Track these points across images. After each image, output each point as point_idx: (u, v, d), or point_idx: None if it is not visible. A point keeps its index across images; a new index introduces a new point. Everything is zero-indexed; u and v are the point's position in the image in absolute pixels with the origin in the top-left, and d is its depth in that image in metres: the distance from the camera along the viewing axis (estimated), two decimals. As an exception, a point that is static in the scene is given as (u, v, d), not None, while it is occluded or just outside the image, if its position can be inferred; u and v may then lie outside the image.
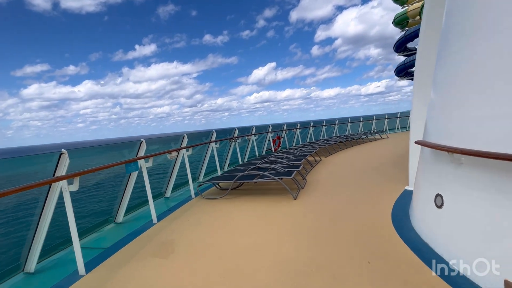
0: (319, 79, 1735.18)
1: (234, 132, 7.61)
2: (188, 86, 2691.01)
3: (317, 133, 14.26)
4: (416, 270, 2.23)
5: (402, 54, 25.16)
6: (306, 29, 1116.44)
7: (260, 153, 9.85)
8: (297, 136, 12.29)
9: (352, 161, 7.82)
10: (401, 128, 19.23)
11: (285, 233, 3.16)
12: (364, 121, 16.89)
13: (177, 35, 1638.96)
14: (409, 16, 20.91)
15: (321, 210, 3.88)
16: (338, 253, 2.60)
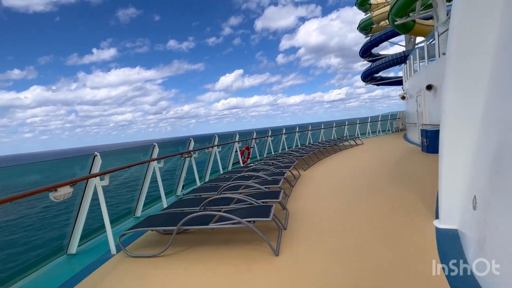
0: (285, 86, 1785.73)
1: (188, 144, 5.80)
2: (152, 93, 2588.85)
3: (290, 140, 12.98)
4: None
5: (367, 60, 25.43)
6: (271, 38, 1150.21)
7: (226, 168, 8.12)
8: (268, 144, 10.79)
9: (337, 176, 6.45)
10: (372, 132, 18.91)
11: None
12: (337, 127, 16.06)
13: (139, 40, 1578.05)
14: (374, 22, 21.01)
15: (321, 274, 2.31)
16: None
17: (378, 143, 13.38)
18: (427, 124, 9.30)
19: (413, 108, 11.41)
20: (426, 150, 8.28)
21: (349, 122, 17.07)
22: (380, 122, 19.58)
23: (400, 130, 21.06)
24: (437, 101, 8.33)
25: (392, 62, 20.66)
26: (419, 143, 10.52)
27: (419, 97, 9.90)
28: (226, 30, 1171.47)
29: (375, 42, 21.43)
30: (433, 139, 8.08)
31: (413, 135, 11.86)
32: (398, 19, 13.77)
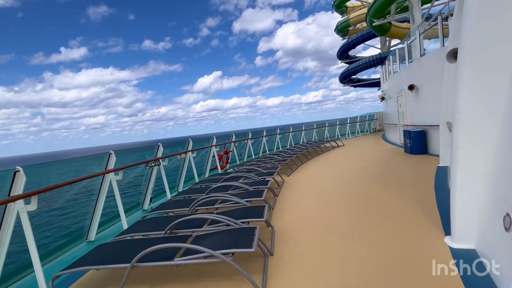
0: (263, 88, 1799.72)
1: (156, 151, 5.02)
2: (127, 94, 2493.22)
3: (270, 142, 12.46)
4: None
5: (344, 61, 25.79)
6: (249, 40, 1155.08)
7: (202, 175, 7.37)
8: (248, 148, 10.17)
9: (324, 183, 5.97)
10: (351, 133, 18.99)
11: None
12: (317, 128, 15.83)
13: (112, 39, 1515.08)
14: (351, 24, 21.26)
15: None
16: None
17: (359, 144, 13.27)
18: (409, 124, 9.19)
19: (393, 109, 11.37)
20: (410, 151, 8.10)
21: (329, 123, 16.95)
22: (359, 123, 19.73)
23: (377, 130, 21.42)
24: (419, 101, 8.21)
25: (369, 64, 21.01)
26: (400, 144, 10.44)
27: (400, 97, 9.81)
28: (204, 31, 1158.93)
29: (352, 44, 21.71)
30: (417, 140, 7.93)
31: (393, 136, 11.83)
32: (376, 20, 13.84)
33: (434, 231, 2.89)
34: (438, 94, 7.35)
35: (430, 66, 7.47)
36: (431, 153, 7.74)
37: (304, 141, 14.62)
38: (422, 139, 7.89)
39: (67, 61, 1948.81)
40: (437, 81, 7.24)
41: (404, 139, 8.57)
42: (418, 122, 8.43)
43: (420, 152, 7.89)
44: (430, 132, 7.76)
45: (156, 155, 4.98)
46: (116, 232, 3.38)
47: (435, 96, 7.41)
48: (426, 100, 7.82)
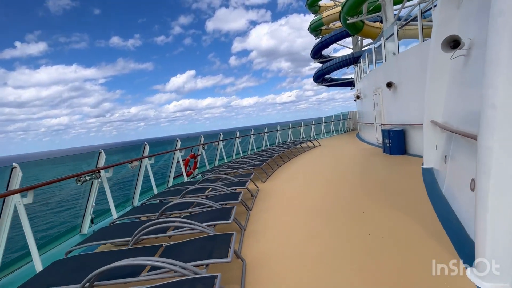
0: (238, 88, 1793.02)
1: (97, 160, 3.96)
2: (93, 93, 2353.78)
3: (245, 143, 11.67)
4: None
5: (318, 61, 25.75)
6: (223, 40, 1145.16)
7: (165, 184, 6.36)
8: (220, 150, 9.26)
9: (303, 192, 5.27)
10: (326, 133, 18.84)
11: None
12: (293, 128, 15.33)
13: (75, 34, 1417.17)
14: (324, 22, 21.14)
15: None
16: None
17: (335, 144, 12.96)
18: (386, 123, 8.90)
19: (368, 108, 11.13)
20: (389, 151, 7.75)
21: (305, 123, 16.57)
22: (333, 123, 19.67)
23: (351, 130, 21.59)
24: (397, 99, 7.89)
25: (342, 63, 21.05)
26: (376, 144, 10.19)
27: (377, 95, 9.53)
28: (176, 29, 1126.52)
29: (326, 43, 21.63)
30: (397, 140, 7.58)
31: (369, 135, 11.61)
32: (350, 18, 13.63)
33: (446, 256, 2.27)
34: (418, 91, 7.03)
35: (409, 63, 7.15)
36: (411, 153, 7.44)
37: (279, 141, 14.05)
38: (401, 139, 7.57)
39: (23, 57, 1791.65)
40: (417, 78, 6.92)
41: (383, 138, 8.22)
42: (396, 121, 8.12)
43: (400, 153, 7.55)
44: (410, 132, 7.45)
45: (96, 164, 3.92)
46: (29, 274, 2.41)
47: (415, 94, 7.08)
48: (405, 98, 7.50)
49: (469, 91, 3.34)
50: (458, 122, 3.55)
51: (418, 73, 6.82)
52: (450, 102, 4.44)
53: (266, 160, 7.30)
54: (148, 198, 4.90)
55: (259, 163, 6.72)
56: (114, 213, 4.05)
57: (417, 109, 7.04)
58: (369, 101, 10.87)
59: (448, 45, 3.45)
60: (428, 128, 5.56)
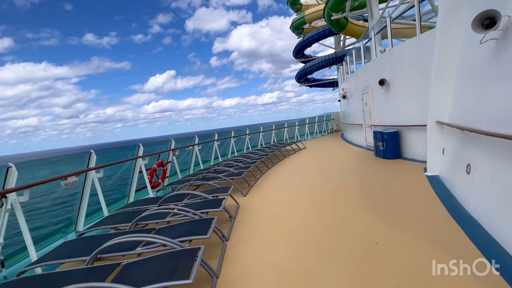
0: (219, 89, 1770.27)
1: (5, 177, 2.78)
2: (65, 93, 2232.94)
3: (225, 146, 10.63)
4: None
5: (300, 60, 25.20)
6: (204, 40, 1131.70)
7: (123, 200, 5.20)
8: (195, 155, 8.16)
9: (291, 207, 4.34)
10: (310, 134, 18.23)
11: None
12: (276, 129, 14.47)
13: (45, 31, 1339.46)
14: (306, 20, 20.55)
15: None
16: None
17: (321, 146, 12.27)
18: (377, 125, 8.25)
19: (356, 108, 10.50)
20: (383, 155, 7.06)
21: (288, 124, 15.80)
22: (317, 124, 19.12)
23: (334, 131, 21.20)
24: (390, 98, 7.23)
25: (325, 63, 20.57)
26: (365, 146, 9.56)
27: (366, 95, 8.88)
28: (155, 28, 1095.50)
29: (308, 42, 21.06)
30: (391, 143, 6.90)
31: (356, 137, 10.99)
32: (334, 13, 13.02)
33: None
34: (414, 89, 6.39)
35: (404, 58, 6.48)
36: (406, 157, 6.79)
37: (262, 143, 13.15)
38: (395, 141, 6.90)
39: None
40: (414, 74, 6.27)
41: (375, 141, 7.54)
42: (389, 122, 7.47)
43: (394, 156, 6.88)
44: (405, 134, 6.80)
45: (4, 185, 2.74)
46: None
47: (411, 92, 6.42)
48: (399, 97, 6.84)
49: (507, 84, 2.57)
50: (490, 122, 2.79)
51: (414, 69, 6.17)
52: (469, 99, 3.71)
53: (248, 167, 6.32)
54: (95, 223, 3.74)
55: (240, 172, 5.72)
56: (32, 255, 2.86)
57: (413, 108, 6.39)
58: (357, 101, 10.23)
59: (480, 24, 2.69)
60: (433, 130, 4.86)
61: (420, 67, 5.99)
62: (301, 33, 23.87)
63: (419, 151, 6.34)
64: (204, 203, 3.62)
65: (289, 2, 22.44)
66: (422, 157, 6.26)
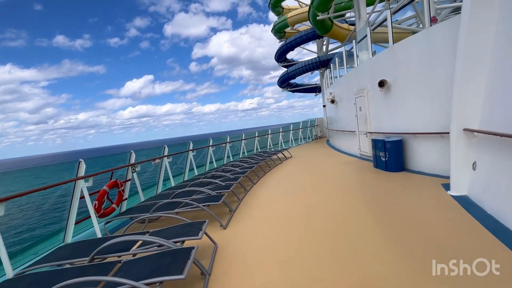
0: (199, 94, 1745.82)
1: None
2: (32, 98, 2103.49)
3: (202, 156, 9.29)
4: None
5: (282, 65, 24.48)
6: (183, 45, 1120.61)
7: (64, 231, 3.76)
8: (165, 169, 6.76)
9: (285, 244, 3.16)
10: (294, 140, 17.31)
11: None
12: (259, 136, 13.33)
13: (10, 31, 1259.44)
14: (289, 23, 19.86)
15: None
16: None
17: (308, 154, 11.29)
18: (374, 132, 7.36)
19: (347, 113, 9.64)
20: (385, 167, 6.12)
21: (272, 130, 14.74)
22: (301, 130, 18.27)
23: (318, 137, 20.50)
24: (392, 102, 6.36)
25: (309, 67, 19.91)
26: (359, 155, 8.67)
27: (360, 98, 8.01)
28: (132, 31, 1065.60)
29: (291, 45, 20.35)
30: (395, 153, 5.98)
31: (347, 145, 10.10)
32: (320, 13, 12.26)
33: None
34: (423, 90, 5.51)
35: (410, 54, 5.62)
36: (412, 169, 5.89)
37: (245, 152, 11.94)
38: (400, 151, 5.99)
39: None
40: (422, 74, 5.41)
41: (374, 150, 6.60)
42: (389, 129, 6.58)
43: (399, 169, 5.97)
44: (410, 142, 5.91)
45: None
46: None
47: (419, 94, 5.55)
48: (404, 100, 5.96)
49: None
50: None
51: (423, 67, 5.31)
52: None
53: (229, 186, 5.08)
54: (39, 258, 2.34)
55: (218, 196, 4.45)
56: None
57: (421, 113, 5.51)
58: (348, 105, 9.37)
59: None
60: (459, 140, 3.92)
61: (429, 65, 5.14)
62: (282, 37, 23.20)
63: (428, 163, 5.46)
64: (159, 260, 2.32)
65: (270, 5, 21.69)
66: (431, 170, 5.38)
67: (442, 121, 5.01)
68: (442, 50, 4.82)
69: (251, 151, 12.79)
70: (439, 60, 4.95)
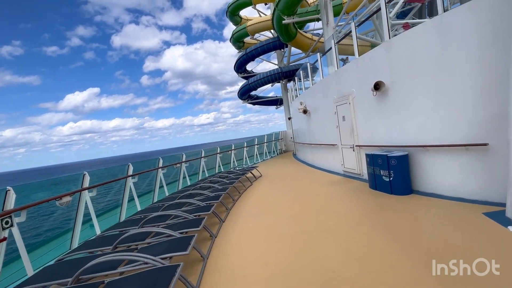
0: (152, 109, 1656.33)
1: None
2: None
3: (150, 180, 7.08)
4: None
5: (242, 76, 23.29)
6: (133, 57, 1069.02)
7: None
8: (83, 207, 4.47)
9: None
10: (259, 155, 15.82)
11: None
12: (222, 153, 11.46)
13: None
14: (249, 32, 18.85)
15: None
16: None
17: (281, 172, 9.80)
18: (364, 145, 6.19)
19: (325, 124, 8.47)
20: (389, 189, 4.87)
21: (236, 145, 13.00)
22: (266, 144, 16.91)
23: (283, 151, 19.42)
24: (391, 108, 5.24)
25: (270, 78, 19.00)
26: (342, 172, 7.45)
27: (343, 106, 6.86)
28: (74, 40, 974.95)
29: (251, 55, 19.29)
30: (401, 171, 4.77)
31: (327, 161, 8.87)
32: (286, 17, 11.29)
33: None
34: (434, 93, 4.47)
35: (414, 50, 4.55)
36: (421, 190, 4.72)
37: (205, 171, 9.93)
38: (407, 169, 4.81)
39: None
40: (433, 72, 4.36)
41: (372, 168, 5.35)
42: (387, 141, 5.43)
43: (407, 191, 4.75)
44: (417, 158, 4.77)
45: None
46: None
47: (428, 98, 4.45)
48: (407, 105, 4.85)
49: None
50: None
51: (435, 63, 4.25)
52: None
53: (184, 227, 3.14)
54: None
55: (168, 247, 2.50)
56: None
57: (434, 121, 4.39)
58: (325, 115, 8.22)
59: None
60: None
61: (444, 61, 4.09)
62: (241, 47, 22.16)
63: (447, 183, 4.32)
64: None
65: (228, 13, 20.58)
66: (452, 192, 4.24)
67: (466, 130, 3.92)
68: (465, 40, 3.79)
69: (212, 169, 10.83)
70: (455, 54, 3.91)
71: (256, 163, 14.56)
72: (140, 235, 3.48)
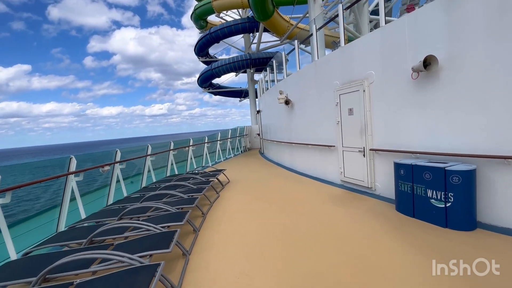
0: (96, 94, 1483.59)
1: None
2: None
3: (85, 183, 4.36)
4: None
5: (203, 60, 20.46)
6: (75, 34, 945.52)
7: None
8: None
9: None
10: (221, 151, 13.51)
11: None
12: (176, 149, 8.87)
13: None
14: (215, 8, 16.14)
15: None
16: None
17: (253, 175, 7.75)
18: (383, 149, 4.48)
19: (317, 118, 6.62)
20: (444, 220, 3.19)
21: (195, 141, 10.48)
22: (229, 140, 14.64)
23: (248, 149, 17.39)
24: (441, 97, 3.54)
25: (237, 65, 16.73)
26: (339, 183, 5.72)
27: (351, 95, 5.07)
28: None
29: (216, 36, 16.70)
30: (468, 193, 3.10)
31: (316, 166, 7.01)
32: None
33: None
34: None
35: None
36: (490, 223, 3.14)
37: (153, 177, 7.32)
38: (472, 191, 3.16)
39: None
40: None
41: (406, 185, 3.62)
42: (427, 147, 3.77)
43: (471, 225, 3.11)
44: (486, 174, 3.16)
45: None
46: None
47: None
48: (477, 91, 3.19)
49: None
50: None
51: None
52: None
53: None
54: None
55: None
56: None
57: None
58: (318, 107, 6.39)
59: None
60: None
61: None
62: (204, 27, 19.32)
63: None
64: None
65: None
66: None
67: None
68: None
69: (162, 170, 8.25)
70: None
71: (218, 162, 12.25)
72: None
